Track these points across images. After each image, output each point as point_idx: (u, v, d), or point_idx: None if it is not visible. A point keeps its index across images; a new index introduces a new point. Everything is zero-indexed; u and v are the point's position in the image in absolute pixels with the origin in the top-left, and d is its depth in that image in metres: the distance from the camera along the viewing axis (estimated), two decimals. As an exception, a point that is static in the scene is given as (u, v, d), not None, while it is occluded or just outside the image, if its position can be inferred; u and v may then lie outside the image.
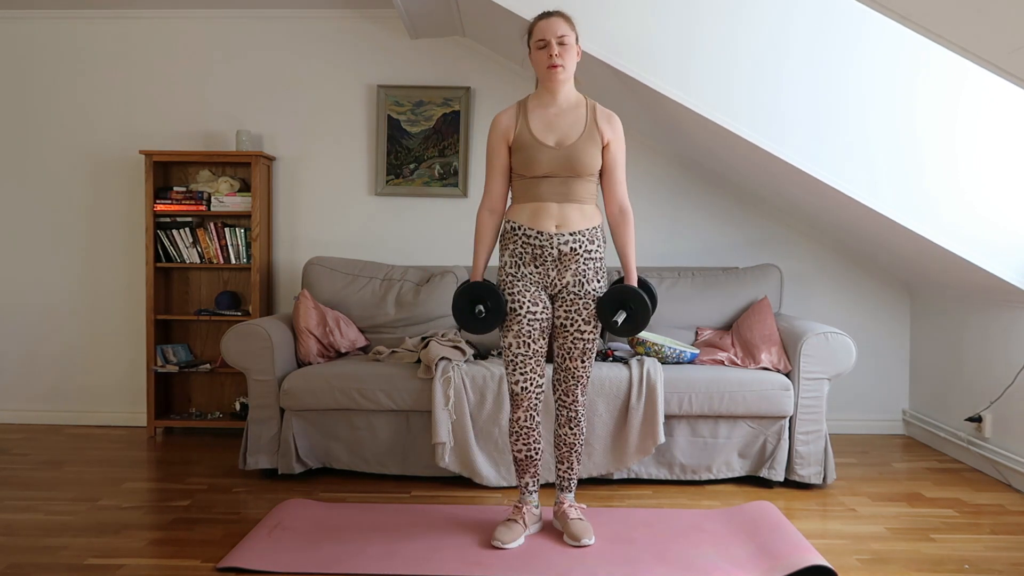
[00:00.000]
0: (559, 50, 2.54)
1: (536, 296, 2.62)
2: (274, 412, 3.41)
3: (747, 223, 4.38)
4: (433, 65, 4.39)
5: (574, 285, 2.62)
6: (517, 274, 2.63)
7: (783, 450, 3.35)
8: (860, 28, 3.24)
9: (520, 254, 2.62)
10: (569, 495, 2.78)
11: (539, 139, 2.58)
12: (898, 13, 2.35)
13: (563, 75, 2.57)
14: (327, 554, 2.56)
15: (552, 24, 2.56)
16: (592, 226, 2.63)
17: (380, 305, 4.00)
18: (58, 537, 2.73)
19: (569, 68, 2.58)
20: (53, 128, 4.48)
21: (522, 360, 2.64)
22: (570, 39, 2.56)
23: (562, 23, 2.56)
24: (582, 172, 2.58)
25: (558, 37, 2.54)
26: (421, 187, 4.40)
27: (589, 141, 2.58)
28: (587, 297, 2.62)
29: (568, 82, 2.61)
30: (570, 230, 2.59)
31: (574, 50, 2.58)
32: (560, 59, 2.54)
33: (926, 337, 4.19)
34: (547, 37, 2.54)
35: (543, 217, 2.59)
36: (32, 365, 4.52)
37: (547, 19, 2.58)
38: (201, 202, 4.24)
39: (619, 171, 2.67)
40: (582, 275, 2.62)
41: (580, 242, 2.60)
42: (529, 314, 2.62)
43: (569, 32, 2.56)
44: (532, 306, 2.62)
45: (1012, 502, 3.19)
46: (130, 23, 4.44)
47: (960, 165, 3.23)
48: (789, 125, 3.29)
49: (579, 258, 2.61)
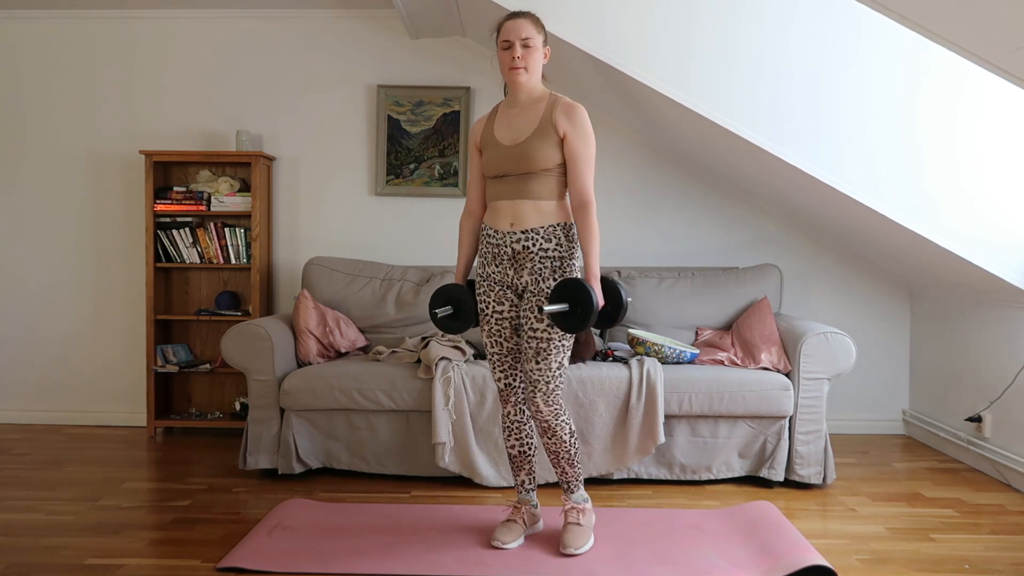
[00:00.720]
0: (522, 52, 2.52)
1: (502, 295, 2.62)
2: (274, 412, 3.41)
3: (747, 223, 4.38)
4: (433, 65, 4.39)
5: (532, 284, 2.56)
6: (483, 274, 2.67)
7: (783, 450, 3.35)
8: (860, 27, 3.24)
9: (485, 254, 2.66)
10: (573, 496, 2.72)
11: (497, 139, 2.60)
12: (898, 13, 2.35)
13: (523, 77, 2.54)
14: (327, 554, 2.56)
15: (517, 26, 2.53)
16: (549, 223, 2.55)
17: (380, 305, 4.00)
18: (58, 537, 2.73)
19: (532, 69, 2.55)
20: (53, 128, 4.48)
21: (498, 358, 2.67)
22: (535, 41, 2.53)
23: (528, 25, 2.53)
24: (534, 168, 2.53)
25: (522, 39, 2.51)
26: (421, 187, 4.40)
27: (541, 136, 2.53)
28: (540, 295, 2.55)
29: (530, 83, 2.58)
30: (523, 228, 2.55)
31: (540, 52, 2.56)
32: (522, 61, 2.52)
33: (926, 337, 4.19)
34: (511, 39, 2.52)
35: (499, 216, 2.60)
36: (32, 365, 4.52)
37: (513, 20, 2.55)
38: (201, 202, 4.24)
39: (579, 163, 2.53)
40: (538, 273, 2.55)
41: (534, 240, 2.54)
42: (496, 313, 2.63)
43: (535, 34, 2.53)
44: (498, 305, 2.63)
45: (1012, 502, 3.19)
46: (130, 23, 4.44)
47: (960, 165, 3.23)
48: (789, 125, 3.29)
49: (534, 256, 2.55)
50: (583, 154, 2.54)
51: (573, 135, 2.53)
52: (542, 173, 2.55)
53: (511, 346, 2.66)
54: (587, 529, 2.67)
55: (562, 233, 2.57)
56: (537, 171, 2.54)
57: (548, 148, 2.53)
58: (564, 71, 3.93)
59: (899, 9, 2.33)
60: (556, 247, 2.56)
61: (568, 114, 2.54)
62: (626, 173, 4.38)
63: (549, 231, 2.56)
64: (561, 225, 2.57)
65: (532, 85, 2.59)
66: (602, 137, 4.35)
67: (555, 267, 2.56)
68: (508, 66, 2.54)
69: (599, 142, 4.35)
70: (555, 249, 2.56)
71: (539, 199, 2.56)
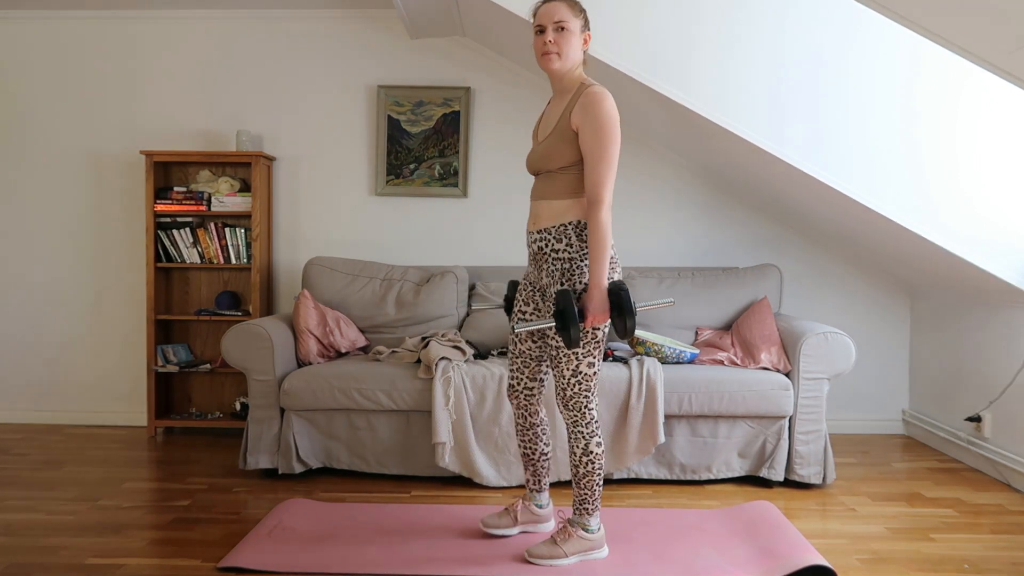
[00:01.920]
0: (555, 36, 2.39)
1: (530, 296, 2.61)
2: (274, 412, 3.41)
3: (747, 223, 4.38)
4: (433, 65, 4.39)
5: (549, 287, 2.49)
6: (525, 274, 2.67)
7: (783, 450, 3.35)
8: (859, 27, 3.25)
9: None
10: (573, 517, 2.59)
11: (536, 135, 2.58)
12: (897, 13, 2.35)
13: (557, 63, 2.41)
14: (327, 554, 2.56)
15: (551, 9, 2.41)
16: (560, 223, 2.44)
17: (380, 305, 4.00)
18: (58, 537, 2.73)
19: (567, 55, 2.41)
20: (54, 128, 4.48)
21: (512, 357, 2.67)
22: (572, 24, 2.40)
23: (562, 7, 2.40)
24: (550, 166, 2.44)
25: (555, 22, 2.39)
26: (421, 187, 4.40)
27: (559, 132, 2.42)
28: (550, 300, 2.47)
29: (565, 70, 2.45)
30: (538, 228, 2.49)
31: (577, 36, 2.42)
32: (555, 46, 2.40)
33: (926, 337, 4.19)
34: (544, 23, 2.41)
35: (530, 215, 2.56)
36: (32, 365, 4.52)
37: (548, 3, 2.43)
38: (201, 202, 4.24)
39: (590, 158, 2.37)
40: (551, 275, 2.47)
41: (546, 240, 2.47)
42: (520, 313, 2.62)
43: (570, 18, 2.40)
44: (524, 306, 2.62)
45: (1012, 502, 3.19)
46: (130, 23, 4.44)
47: (960, 165, 3.23)
48: (789, 125, 3.30)
49: (547, 258, 2.48)
50: (593, 148, 2.36)
51: (584, 128, 2.37)
52: (560, 172, 2.44)
53: (525, 348, 2.62)
54: (560, 551, 2.52)
55: (573, 232, 2.43)
56: (555, 169, 2.45)
57: (563, 145, 2.41)
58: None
59: (898, 9, 2.34)
60: (566, 247, 2.44)
61: (585, 105, 2.37)
62: (626, 173, 4.38)
63: (560, 231, 2.44)
64: (573, 224, 2.43)
65: (567, 72, 2.46)
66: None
67: (564, 269, 2.45)
68: (540, 51, 2.42)
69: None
70: (565, 250, 2.44)
71: (553, 198, 2.45)
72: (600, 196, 2.35)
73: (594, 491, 2.51)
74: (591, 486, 2.51)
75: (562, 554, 2.51)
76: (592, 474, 2.49)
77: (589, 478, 2.50)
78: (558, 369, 2.47)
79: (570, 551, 2.52)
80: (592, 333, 2.43)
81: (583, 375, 2.45)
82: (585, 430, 2.48)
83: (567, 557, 2.51)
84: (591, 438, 2.48)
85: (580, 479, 2.51)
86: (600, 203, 2.35)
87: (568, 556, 2.51)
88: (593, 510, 2.53)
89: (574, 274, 2.44)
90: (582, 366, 2.44)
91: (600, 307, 2.35)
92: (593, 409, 2.48)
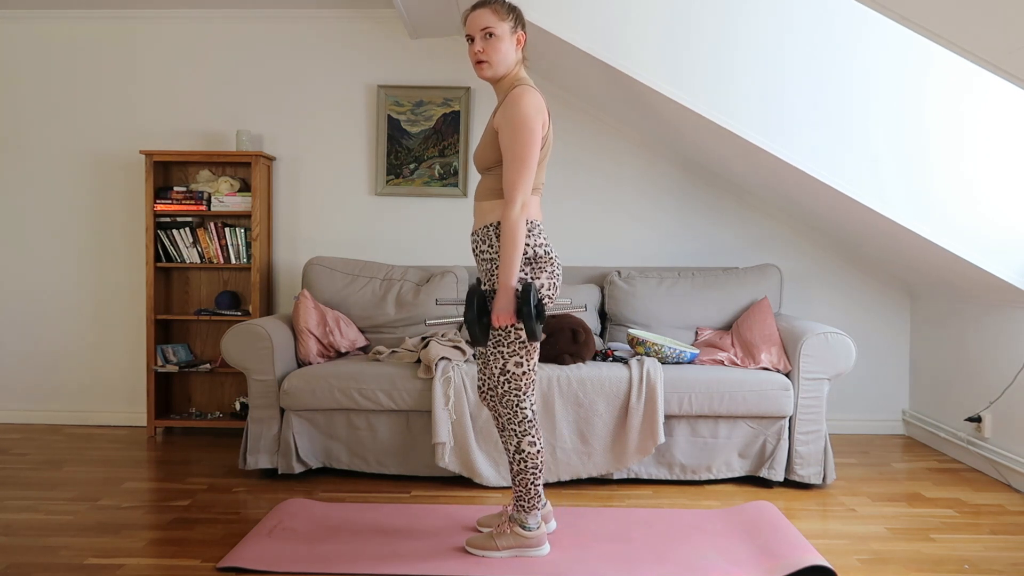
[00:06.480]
0: (483, 45, 2.37)
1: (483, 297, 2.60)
2: (274, 412, 3.41)
3: (747, 223, 4.38)
4: (433, 65, 4.39)
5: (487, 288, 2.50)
6: None
7: (783, 450, 3.35)
8: (863, 25, 3.24)
9: None
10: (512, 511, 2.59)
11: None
12: (897, 13, 2.35)
13: (489, 71, 2.40)
14: (327, 554, 2.56)
15: (476, 17, 2.38)
16: (484, 225, 2.46)
17: (380, 305, 4.00)
18: (58, 537, 2.73)
19: (498, 62, 2.39)
20: (53, 128, 4.48)
21: (478, 360, 2.67)
22: (499, 29, 2.36)
23: (487, 14, 2.37)
24: (480, 167, 2.48)
25: (482, 30, 2.36)
26: (421, 187, 4.40)
27: (487, 134, 2.43)
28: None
29: (499, 75, 2.42)
30: (472, 230, 2.50)
31: (507, 40, 2.39)
32: (484, 55, 2.38)
33: (926, 337, 4.19)
34: (472, 32, 2.40)
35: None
36: (32, 365, 4.52)
37: (473, 12, 2.40)
38: (201, 202, 4.24)
39: (504, 155, 2.36)
40: (484, 276, 2.49)
41: (475, 242, 2.50)
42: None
43: (496, 23, 2.36)
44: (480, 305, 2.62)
45: (1012, 502, 3.19)
46: (131, 23, 4.44)
47: (962, 165, 3.23)
48: (790, 125, 3.29)
49: (478, 259, 2.51)
50: (507, 144, 2.34)
51: (502, 128, 2.37)
52: (487, 173, 2.47)
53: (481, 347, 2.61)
54: (493, 544, 2.53)
55: (494, 234, 2.44)
56: (484, 170, 2.48)
57: (489, 146, 2.43)
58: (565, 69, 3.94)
59: (898, 9, 2.33)
60: (488, 248, 2.45)
61: (505, 105, 2.37)
62: (626, 173, 4.38)
63: (484, 232, 2.46)
64: (494, 226, 2.44)
65: (503, 76, 2.44)
66: (603, 136, 4.35)
67: (487, 270, 2.46)
68: (473, 62, 2.41)
69: (598, 141, 4.35)
70: (487, 251, 2.45)
71: (482, 199, 2.48)
72: (511, 195, 2.34)
73: (529, 489, 2.53)
74: (526, 484, 2.52)
75: (495, 547, 2.54)
76: (525, 472, 2.51)
77: (523, 476, 2.52)
78: (489, 367, 2.53)
79: (503, 545, 2.54)
80: (516, 333, 2.45)
81: (511, 374, 2.49)
82: (517, 428, 2.51)
83: (499, 551, 2.54)
84: (523, 437, 2.51)
85: (514, 476, 2.54)
86: (511, 203, 2.34)
87: (501, 550, 2.54)
88: (530, 508, 2.54)
89: (494, 275, 2.45)
90: (509, 365, 2.48)
91: (504, 307, 2.36)
92: (527, 408, 2.51)
